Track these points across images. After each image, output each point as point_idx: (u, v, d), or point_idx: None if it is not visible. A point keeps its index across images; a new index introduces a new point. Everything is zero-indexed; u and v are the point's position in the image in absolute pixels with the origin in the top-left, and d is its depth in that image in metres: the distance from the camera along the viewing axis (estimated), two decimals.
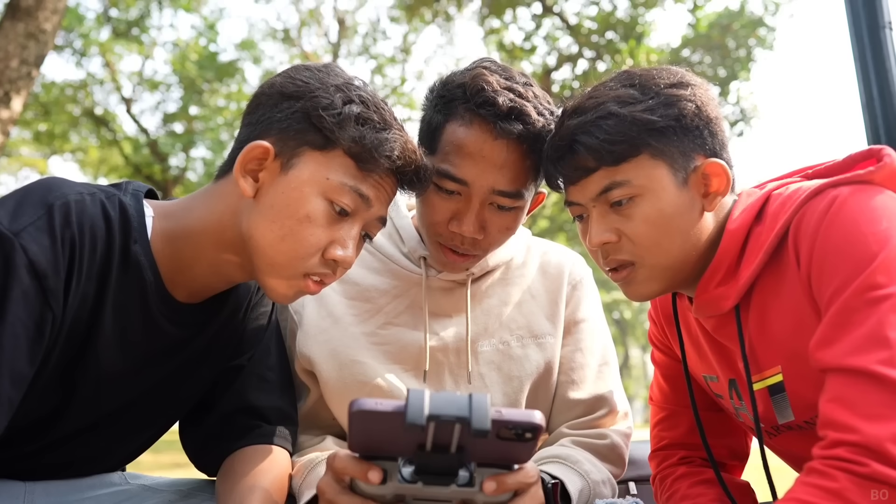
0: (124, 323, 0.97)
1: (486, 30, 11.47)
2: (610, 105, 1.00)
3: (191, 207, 1.01)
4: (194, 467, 1.19)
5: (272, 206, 0.95)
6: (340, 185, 0.96)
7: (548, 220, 14.51)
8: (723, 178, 1.01)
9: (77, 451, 1.06)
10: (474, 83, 1.10)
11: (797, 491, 0.80)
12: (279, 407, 1.16)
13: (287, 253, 0.95)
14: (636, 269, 1.02)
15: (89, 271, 0.91)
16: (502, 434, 0.72)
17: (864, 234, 0.87)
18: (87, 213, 0.90)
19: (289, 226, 0.95)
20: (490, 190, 1.11)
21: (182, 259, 0.99)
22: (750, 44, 10.74)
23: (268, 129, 0.97)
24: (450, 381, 1.24)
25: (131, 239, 0.95)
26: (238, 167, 0.96)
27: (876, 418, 0.78)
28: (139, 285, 0.96)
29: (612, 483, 1.20)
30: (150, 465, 6.92)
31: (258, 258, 0.97)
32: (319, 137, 0.96)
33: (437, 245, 1.19)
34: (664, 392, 1.29)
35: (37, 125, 12.53)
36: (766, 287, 1.00)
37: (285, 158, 0.96)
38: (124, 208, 0.95)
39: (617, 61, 10.01)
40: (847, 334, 0.84)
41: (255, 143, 0.96)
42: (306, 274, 0.98)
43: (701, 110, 1.01)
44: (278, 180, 0.96)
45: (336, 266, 1.00)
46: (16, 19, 4.83)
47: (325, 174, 0.95)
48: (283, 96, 0.98)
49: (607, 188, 1.00)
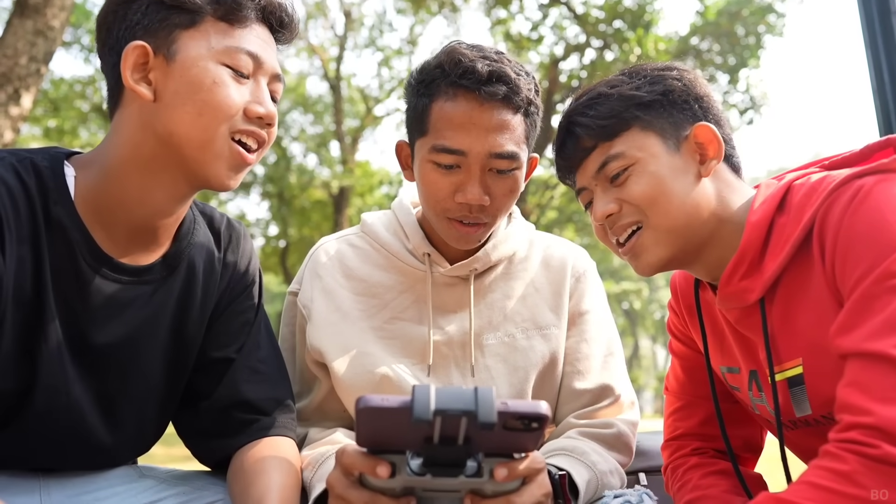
0: (64, 287, 0.96)
1: (493, 20, 11.42)
2: (600, 88, 1.10)
3: (103, 147, 1.01)
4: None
5: (177, 94, 0.95)
6: (227, 49, 0.97)
7: (556, 210, 14.48)
8: (714, 142, 1.05)
9: (65, 441, 1.04)
10: (450, 58, 1.14)
11: (810, 474, 0.80)
12: (274, 397, 1.16)
13: (209, 124, 0.96)
14: (642, 234, 1.05)
15: (19, 234, 0.90)
16: (509, 425, 0.72)
17: (888, 223, 0.87)
18: (1, 175, 0.90)
19: (201, 98, 0.95)
20: (487, 154, 1.14)
21: (110, 202, 0.98)
22: (759, 31, 10.65)
23: (132, 33, 0.96)
24: (456, 374, 1.25)
25: (51, 200, 0.94)
26: (126, 79, 0.95)
27: (890, 401, 0.78)
28: (68, 247, 0.96)
29: (620, 473, 1.20)
30: (164, 458, 6.98)
31: (185, 148, 0.96)
32: (184, 15, 0.96)
33: (446, 220, 1.20)
34: (681, 382, 1.29)
35: (46, 121, 12.61)
36: (791, 280, 1.00)
37: (165, 49, 0.96)
38: (38, 170, 0.95)
39: (625, 50, 9.95)
40: (867, 320, 0.84)
41: (130, 45, 0.95)
42: (235, 136, 0.98)
43: (688, 87, 1.08)
44: (170, 71, 0.95)
45: (261, 123, 1.01)
46: (24, 17, 4.85)
47: (208, 45, 0.96)
48: (128, 2, 0.97)
49: (604, 163, 1.06)
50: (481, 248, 1.29)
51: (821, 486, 0.78)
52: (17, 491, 1.01)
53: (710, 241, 1.05)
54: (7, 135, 4.88)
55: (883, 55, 1.54)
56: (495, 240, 1.31)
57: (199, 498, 1.10)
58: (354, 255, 1.33)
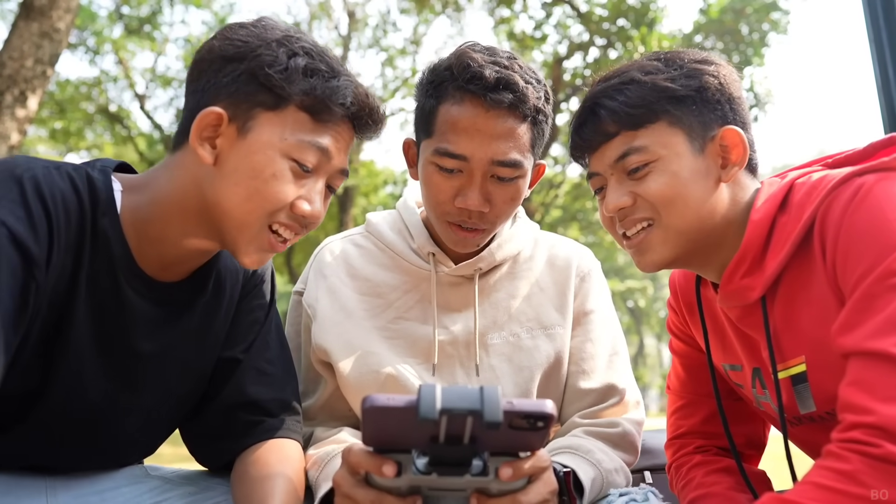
0: (98, 297, 0.97)
1: (497, 19, 11.41)
2: (634, 73, 1.05)
3: (154, 179, 1.01)
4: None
5: (236, 170, 0.95)
6: (299, 143, 0.95)
7: (560, 209, 14.46)
8: (740, 148, 1.02)
9: (76, 442, 1.04)
10: (460, 62, 1.13)
11: (813, 474, 0.80)
12: (281, 399, 1.15)
13: (254, 211, 0.95)
14: (652, 231, 1.03)
15: (66, 243, 0.91)
16: (514, 424, 0.72)
17: (889, 221, 0.87)
18: (57, 185, 0.90)
19: (255, 186, 0.94)
20: (489, 161, 1.13)
21: (150, 231, 0.99)
22: (763, 28, 10.61)
23: (216, 95, 0.96)
24: (460, 373, 1.25)
25: (100, 212, 0.95)
26: (194, 136, 0.95)
27: (892, 400, 0.78)
28: (108, 259, 0.96)
29: (625, 471, 1.20)
30: (171, 458, 6.99)
31: (225, 222, 0.97)
32: (270, 97, 0.95)
33: (446, 224, 1.20)
34: (682, 381, 1.29)
35: (52, 123, 12.65)
36: (792, 277, 0.99)
37: (240, 122, 0.95)
38: (92, 182, 0.95)
39: (629, 48, 9.93)
40: (868, 319, 0.84)
41: (207, 110, 0.94)
42: (272, 227, 0.98)
43: (723, 86, 1.03)
44: (238, 145, 0.95)
45: (304, 221, 1.00)
46: (30, 19, 4.87)
47: (282, 134, 0.95)
48: (226, 59, 0.96)
49: (625, 153, 1.03)
50: (486, 247, 1.29)
51: (824, 485, 0.78)
52: (22, 492, 1.01)
53: (716, 242, 1.04)
54: (13, 136, 4.90)
55: (888, 52, 1.54)
56: (500, 239, 1.31)
57: (204, 499, 1.10)
58: (359, 255, 1.33)
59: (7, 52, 4.83)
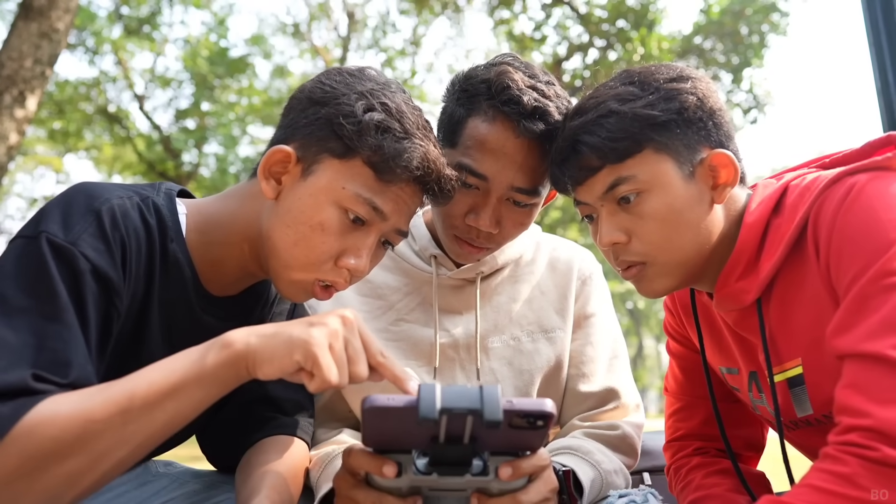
0: (170, 320, 1.00)
1: (496, 20, 11.41)
2: (610, 103, 1.00)
3: (222, 204, 1.04)
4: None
5: (289, 211, 0.96)
6: (355, 196, 0.95)
7: (560, 210, 14.46)
8: (730, 168, 1.00)
9: None
10: (499, 80, 1.10)
11: (810, 477, 0.80)
12: (297, 399, 1.17)
13: (299, 258, 0.97)
14: (647, 268, 1.02)
15: (137, 271, 0.94)
16: (514, 423, 0.72)
17: (881, 221, 0.87)
18: (130, 215, 0.93)
19: (302, 231, 0.95)
20: (509, 186, 1.12)
21: (214, 254, 1.02)
22: (763, 29, 10.61)
23: (293, 134, 0.99)
24: (461, 376, 1.25)
25: (168, 238, 0.98)
26: (262, 170, 0.98)
27: (889, 403, 0.78)
28: (180, 282, 0.99)
29: (624, 473, 1.20)
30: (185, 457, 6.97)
31: (273, 258, 0.99)
32: (340, 145, 0.96)
33: (452, 237, 1.20)
34: (680, 383, 1.29)
35: (51, 123, 12.64)
36: (787, 279, 0.99)
37: (306, 164, 0.97)
38: (158, 209, 0.98)
39: (628, 50, 9.92)
40: (863, 320, 0.84)
41: (278, 147, 0.98)
42: (317, 279, 0.99)
43: (703, 102, 1.00)
44: (298, 185, 0.97)
45: (348, 275, 1.00)
46: (29, 19, 4.87)
47: (341, 183, 0.96)
48: (311, 101, 0.99)
49: (613, 185, 1.00)
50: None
51: (821, 488, 0.78)
52: None
53: (713, 255, 1.04)
54: (12, 137, 4.90)
55: (887, 54, 1.54)
56: None
57: (210, 497, 1.11)
58: None
59: (6, 53, 4.83)
